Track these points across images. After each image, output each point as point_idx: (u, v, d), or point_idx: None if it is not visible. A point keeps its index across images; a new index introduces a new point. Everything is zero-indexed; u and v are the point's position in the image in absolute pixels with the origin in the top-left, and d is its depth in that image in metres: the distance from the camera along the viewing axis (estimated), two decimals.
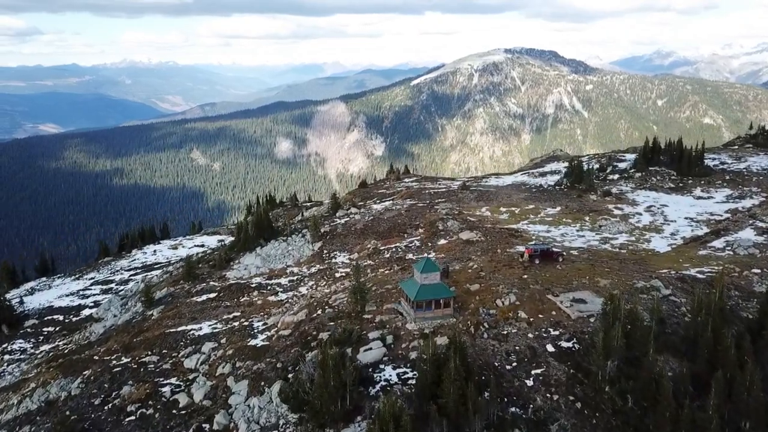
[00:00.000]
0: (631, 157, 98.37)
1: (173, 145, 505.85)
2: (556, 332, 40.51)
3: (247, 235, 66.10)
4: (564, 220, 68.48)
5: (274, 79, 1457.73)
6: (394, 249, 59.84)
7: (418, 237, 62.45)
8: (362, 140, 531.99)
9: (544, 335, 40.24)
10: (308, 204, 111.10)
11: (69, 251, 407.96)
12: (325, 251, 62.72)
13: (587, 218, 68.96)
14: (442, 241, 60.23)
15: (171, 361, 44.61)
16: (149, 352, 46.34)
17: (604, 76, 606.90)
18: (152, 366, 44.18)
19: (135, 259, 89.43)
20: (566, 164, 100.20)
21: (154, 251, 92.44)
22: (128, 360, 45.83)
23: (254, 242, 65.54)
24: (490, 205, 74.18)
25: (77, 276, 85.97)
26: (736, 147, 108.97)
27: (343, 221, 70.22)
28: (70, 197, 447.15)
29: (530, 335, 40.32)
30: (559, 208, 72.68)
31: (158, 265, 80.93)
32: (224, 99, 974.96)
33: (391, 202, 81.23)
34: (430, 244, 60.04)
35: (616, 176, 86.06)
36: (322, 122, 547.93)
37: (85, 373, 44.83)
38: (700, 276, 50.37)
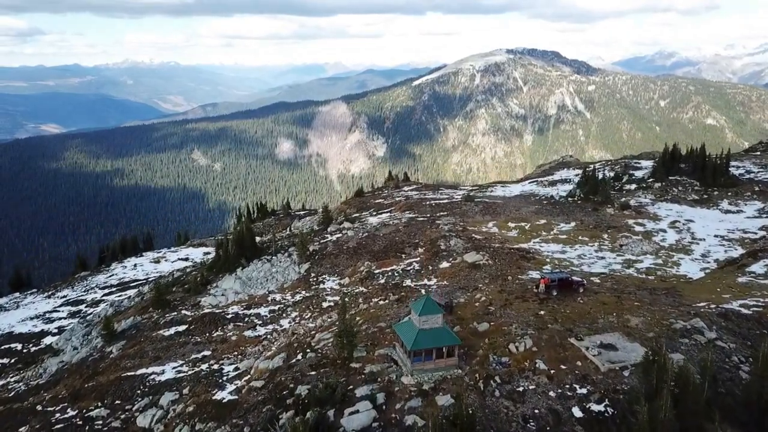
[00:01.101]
0: (647, 164, 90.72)
1: (174, 145, 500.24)
2: (583, 390, 32.84)
3: (227, 253, 58.70)
4: (580, 238, 60.93)
5: (276, 80, 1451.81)
6: (390, 273, 52.43)
7: (418, 258, 55.02)
8: (364, 141, 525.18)
9: (569, 394, 32.55)
10: (302, 213, 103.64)
11: (69, 252, 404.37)
12: (312, 274, 55.27)
13: (606, 236, 61.38)
14: (445, 264, 52.78)
15: (123, 417, 37.13)
16: (99, 403, 38.90)
17: (607, 76, 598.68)
18: (99, 423, 36.70)
19: (113, 275, 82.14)
20: (577, 172, 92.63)
21: (135, 265, 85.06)
22: (74, 413, 38.39)
23: (234, 262, 58.17)
24: (497, 220, 66.63)
25: (50, 293, 78.71)
26: (758, 153, 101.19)
27: (334, 238, 62.76)
28: (71, 198, 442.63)
29: (552, 393, 32.65)
30: (573, 224, 65.09)
31: (136, 283, 73.62)
32: (226, 99, 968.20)
33: (388, 214, 73.75)
34: (430, 268, 52.60)
35: (633, 186, 78.39)
36: (324, 123, 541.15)
37: (21, 430, 37.52)
38: (744, 311, 42.61)
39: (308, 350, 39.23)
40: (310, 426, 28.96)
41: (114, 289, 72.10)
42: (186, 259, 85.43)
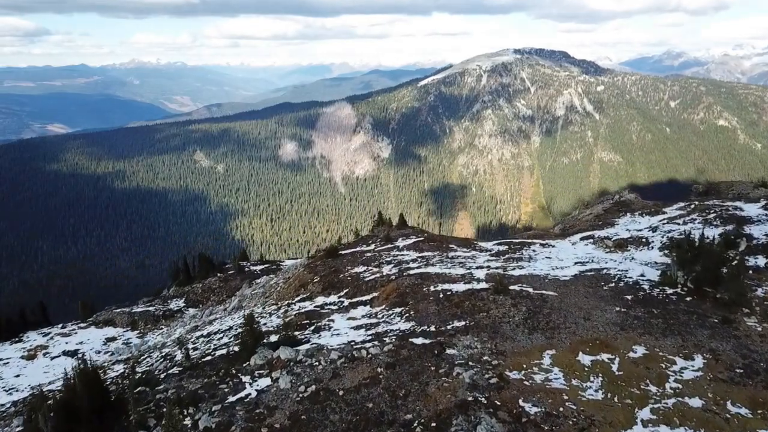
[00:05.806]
0: (753, 210, 58.55)
1: (176, 147, 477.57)
2: None
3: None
4: (729, 407, 29.30)
5: (282, 80, 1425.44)
6: None
7: None
8: (368, 142, 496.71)
9: None
10: (258, 269, 73.21)
11: (69, 254, 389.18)
12: None
13: None
14: None
15: None
16: None
17: (616, 77, 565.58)
18: None
19: None
20: (650, 222, 60.68)
21: None
22: None
23: None
24: (556, 347, 35.09)
25: None
26: None
27: (253, 393, 31.37)
28: (71, 200, 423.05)
29: None
30: (700, 361, 33.20)
31: None
32: (232, 100, 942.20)
33: (366, 310, 42.86)
34: None
35: (762, 261, 47.01)
36: (328, 124, 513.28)
37: None
38: None
39: None
40: None
41: None
42: (74, 353, 55.28)
